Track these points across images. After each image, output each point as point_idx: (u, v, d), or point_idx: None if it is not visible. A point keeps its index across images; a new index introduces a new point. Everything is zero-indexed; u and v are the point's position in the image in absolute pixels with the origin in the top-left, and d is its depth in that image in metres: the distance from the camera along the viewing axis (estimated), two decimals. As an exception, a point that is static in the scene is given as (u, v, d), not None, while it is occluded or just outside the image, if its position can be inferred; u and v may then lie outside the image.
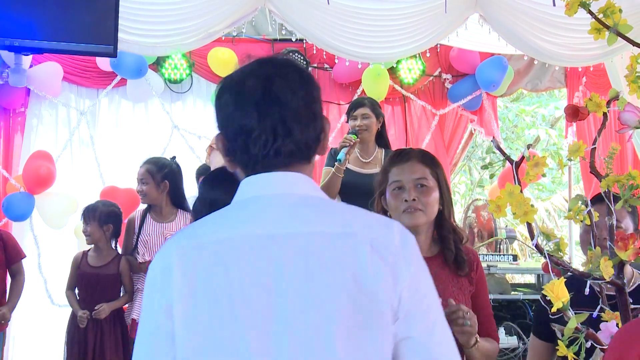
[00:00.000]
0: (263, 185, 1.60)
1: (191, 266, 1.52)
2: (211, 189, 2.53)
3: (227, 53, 7.28)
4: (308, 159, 1.63)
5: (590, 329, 1.67)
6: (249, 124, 1.58)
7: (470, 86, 7.85)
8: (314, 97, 1.64)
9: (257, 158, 1.59)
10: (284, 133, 1.57)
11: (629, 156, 7.64)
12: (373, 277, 1.47)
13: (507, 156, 1.88)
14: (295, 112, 1.58)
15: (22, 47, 5.08)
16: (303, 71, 1.66)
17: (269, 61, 1.66)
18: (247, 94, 1.59)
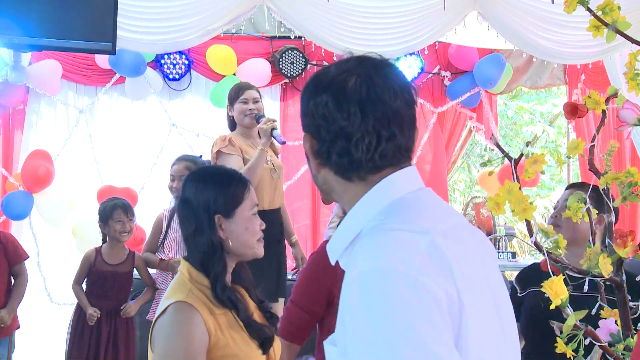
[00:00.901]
0: (410, 180, 1.60)
1: (455, 250, 1.42)
2: (198, 191, 2.46)
3: (226, 50, 7.28)
4: (409, 162, 1.60)
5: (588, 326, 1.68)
6: (351, 126, 1.50)
7: (468, 83, 7.85)
8: (414, 100, 1.58)
9: (362, 162, 1.51)
10: (388, 135, 1.52)
11: (627, 153, 7.64)
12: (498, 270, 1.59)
13: (505, 153, 1.88)
14: (398, 114, 1.53)
15: (21, 45, 5.08)
16: (401, 72, 1.63)
17: (368, 60, 1.61)
18: (350, 93, 1.51)
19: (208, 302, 2.34)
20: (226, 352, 2.30)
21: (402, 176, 1.56)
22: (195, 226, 2.41)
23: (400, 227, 1.42)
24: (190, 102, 7.68)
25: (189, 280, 2.38)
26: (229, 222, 2.41)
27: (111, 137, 7.38)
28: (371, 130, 1.49)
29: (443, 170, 8.20)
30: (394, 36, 6.26)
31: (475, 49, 7.62)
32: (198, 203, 2.42)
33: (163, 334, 2.29)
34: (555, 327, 1.68)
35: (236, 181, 2.47)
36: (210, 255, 2.39)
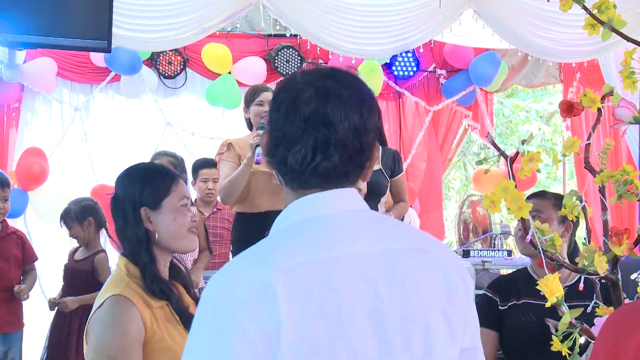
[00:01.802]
0: (332, 202, 1.54)
1: (298, 288, 1.41)
2: (125, 186, 2.51)
3: (221, 49, 7.27)
4: (349, 183, 1.55)
5: (584, 323, 1.68)
6: (293, 136, 1.50)
7: (464, 82, 7.86)
8: (366, 127, 1.54)
9: (294, 172, 1.52)
10: (323, 156, 1.50)
11: (622, 152, 7.65)
12: (456, 291, 1.52)
13: (501, 151, 1.88)
14: (341, 139, 1.51)
15: (16, 42, 5.07)
16: (366, 95, 1.57)
17: (335, 75, 1.57)
18: (300, 105, 1.51)
19: (145, 296, 2.36)
20: (162, 345, 2.32)
21: (324, 198, 1.53)
22: (122, 220, 2.46)
23: (249, 258, 1.47)
24: (186, 101, 7.67)
25: (126, 274, 2.41)
26: (156, 214, 2.45)
27: (106, 135, 7.37)
28: (309, 147, 1.49)
29: (438, 169, 8.20)
30: (390, 34, 6.26)
31: (471, 47, 7.63)
32: (125, 198, 2.47)
33: (98, 327, 2.31)
34: (550, 324, 1.68)
35: (162, 175, 2.52)
36: (137, 247, 2.42)
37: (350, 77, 1.57)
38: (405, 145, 8.09)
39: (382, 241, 1.51)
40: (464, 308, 1.53)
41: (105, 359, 2.26)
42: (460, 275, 1.54)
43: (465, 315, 1.53)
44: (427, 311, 1.48)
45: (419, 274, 1.49)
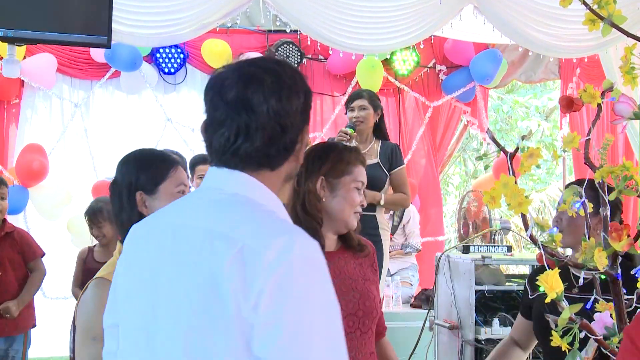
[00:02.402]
0: (207, 179, 1.67)
1: (125, 252, 1.73)
2: (122, 171, 2.54)
3: (221, 45, 7.27)
4: (270, 168, 1.63)
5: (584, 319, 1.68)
6: (218, 119, 1.61)
7: (464, 78, 7.86)
8: (287, 110, 1.61)
9: (217, 154, 1.63)
10: (244, 139, 1.59)
11: (619, 147, 7.66)
12: (224, 285, 1.43)
13: (501, 147, 1.88)
14: (262, 122, 1.59)
15: (16, 38, 5.06)
16: (287, 79, 1.64)
17: (258, 62, 1.69)
18: (223, 92, 1.61)
19: None
20: None
21: (210, 174, 1.68)
22: (118, 204, 2.49)
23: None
24: (186, 96, 7.67)
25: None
26: (152, 199, 2.46)
27: (106, 132, 7.38)
28: (232, 130, 1.61)
29: (437, 164, 8.21)
30: (390, 30, 6.25)
31: (471, 43, 7.63)
32: (122, 182, 2.50)
33: (82, 310, 2.37)
34: (550, 320, 1.68)
35: (159, 160, 2.55)
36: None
37: (273, 63, 1.67)
38: (405, 141, 8.09)
39: (199, 219, 1.57)
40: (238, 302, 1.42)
41: (91, 341, 2.28)
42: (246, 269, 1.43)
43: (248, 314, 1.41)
44: (187, 294, 1.50)
45: (196, 256, 1.50)
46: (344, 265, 2.81)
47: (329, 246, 2.81)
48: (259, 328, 1.41)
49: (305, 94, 1.68)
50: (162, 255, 1.58)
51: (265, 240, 1.46)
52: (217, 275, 1.45)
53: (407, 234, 6.87)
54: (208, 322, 1.46)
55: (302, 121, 1.66)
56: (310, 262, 1.49)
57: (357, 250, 2.88)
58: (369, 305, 2.76)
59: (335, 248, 2.86)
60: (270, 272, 1.42)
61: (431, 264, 7.03)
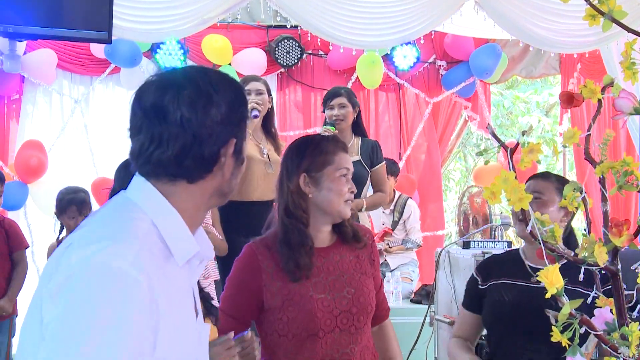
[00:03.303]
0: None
1: None
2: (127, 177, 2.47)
3: (221, 40, 7.26)
4: (187, 180, 1.59)
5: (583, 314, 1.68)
6: (135, 126, 1.61)
7: (464, 73, 7.86)
8: (202, 121, 1.57)
9: (134, 159, 1.63)
10: (157, 146, 1.57)
11: (622, 142, 7.66)
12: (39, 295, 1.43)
13: (502, 143, 1.88)
14: (173, 131, 1.56)
15: (16, 33, 5.07)
16: (209, 88, 1.60)
17: (183, 70, 1.66)
18: (142, 99, 1.61)
19: None
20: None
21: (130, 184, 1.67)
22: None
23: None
24: (186, 92, 7.66)
25: None
26: None
27: (106, 127, 7.37)
28: (147, 137, 1.61)
29: (438, 160, 8.21)
30: (391, 25, 6.25)
31: (471, 38, 7.62)
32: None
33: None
34: (550, 315, 1.68)
35: None
36: None
37: (197, 72, 1.63)
38: (405, 137, 8.09)
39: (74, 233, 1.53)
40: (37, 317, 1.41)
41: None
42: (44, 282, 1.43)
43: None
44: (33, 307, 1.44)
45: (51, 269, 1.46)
46: (338, 261, 2.78)
47: (322, 241, 2.79)
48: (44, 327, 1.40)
49: (230, 105, 1.62)
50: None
51: (70, 253, 1.43)
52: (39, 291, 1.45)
53: (407, 230, 6.87)
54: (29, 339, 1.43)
55: (227, 133, 1.61)
56: (100, 275, 1.39)
57: (354, 242, 2.84)
58: (363, 301, 2.74)
59: (330, 242, 2.82)
60: (61, 275, 1.40)
61: (431, 259, 7.03)
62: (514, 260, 3.12)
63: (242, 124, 1.66)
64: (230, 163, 1.62)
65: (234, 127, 1.62)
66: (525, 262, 2.99)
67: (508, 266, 3.12)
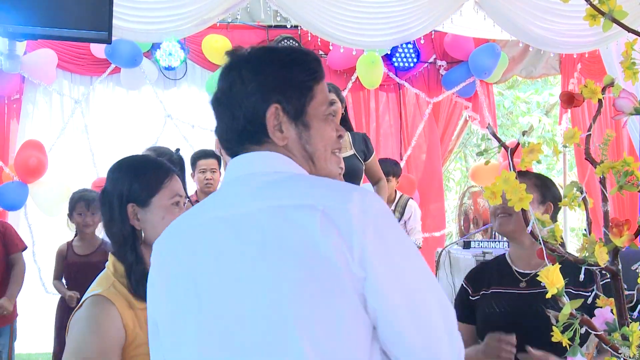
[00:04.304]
0: (230, 170, 1.66)
1: (163, 253, 1.63)
2: (114, 180, 2.40)
3: (221, 40, 7.27)
4: (259, 143, 1.62)
5: (584, 314, 1.68)
6: (215, 113, 1.68)
7: (464, 73, 7.86)
8: (261, 86, 1.61)
9: (222, 142, 1.68)
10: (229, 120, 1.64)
11: (624, 142, 7.66)
12: (325, 245, 1.42)
13: (502, 143, 1.87)
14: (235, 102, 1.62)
15: (16, 33, 5.06)
16: (238, 63, 1.66)
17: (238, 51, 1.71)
18: (218, 83, 1.68)
19: (129, 296, 2.23)
20: (146, 350, 2.07)
21: (227, 167, 1.68)
22: (109, 216, 2.34)
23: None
24: (186, 92, 7.67)
25: (113, 274, 2.29)
26: (144, 212, 2.31)
27: (107, 128, 7.38)
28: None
29: (438, 160, 8.21)
30: (390, 25, 6.25)
31: (471, 38, 7.62)
32: (113, 192, 2.36)
33: (76, 328, 2.20)
34: (551, 315, 1.68)
35: (153, 169, 2.38)
36: (122, 245, 2.31)
37: (238, 51, 1.70)
38: (406, 137, 8.09)
39: (260, 201, 1.51)
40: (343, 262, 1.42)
41: None
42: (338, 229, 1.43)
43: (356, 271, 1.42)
44: (287, 268, 1.44)
45: (283, 231, 1.46)
46: None
47: None
48: (371, 281, 1.42)
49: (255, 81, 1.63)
50: (230, 249, 1.51)
51: (341, 199, 1.46)
52: (313, 242, 1.43)
53: (408, 230, 6.86)
54: (319, 289, 1.43)
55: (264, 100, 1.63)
56: (386, 210, 1.51)
57: None
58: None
59: None
60: (364, 226, 1.43)
61: (432, 259, 7.03)
62: (501, 267, 3.05)
63: (285, 88, 1.63)
64: (287, 128, 1.63)
65: (272, 92, 1.62)
66: (512, 268, 2.95)
67: (496, 274, 3.03)
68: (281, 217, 1.47)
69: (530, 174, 3.09)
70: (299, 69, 1.67)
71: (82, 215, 5.29)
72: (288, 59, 1.67)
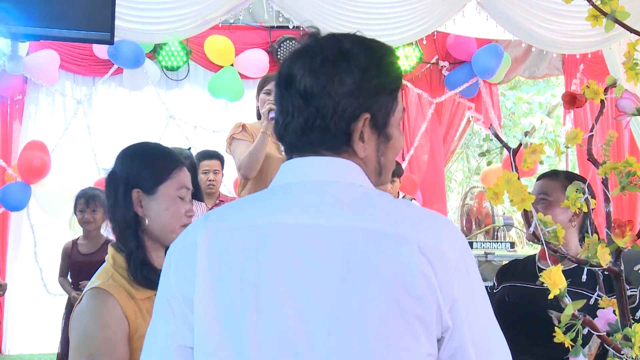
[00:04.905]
0: (293, 171, 1.48)
1: (219, 247, 1.42)
2: (123, 163, 2.35)
3: (224, 41, 7.27)
4: (311, 152, 1.46)
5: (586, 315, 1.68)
6: (286, 103, 1.49)
7: (467, 73, 7.85)
8: (314, 90, 1.43)
9: (286, 137, 1.49)
10: (283, 119, 1.48)
11: (625, 143, 7.65)
12: (419, 283, 1.30)
13: (504, 143, 1.87)
14: (277, 98, 1.50)
15: (19, 34, 5.06)
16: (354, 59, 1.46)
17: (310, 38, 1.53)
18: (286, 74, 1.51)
19: (129, 287, 2.17)
20: None
21: (288, 166, 1.50)
22: (113, 199, 2.28)
23: (202, 217, 1.50)
24: (189, 92, 7.67)
25: (112, 265, 2.24)
26: (149, 199, 2.26)
27: (109, 128, 7.39)
28: (279, 108, 1.50)
29: (440, 160, 8.21)
30: (393, 26, 6.25)
31: (474, 38, 7.62)
32: (120, 176, 2.31)
33: (77, 323, 2.14)
34: (553, 316, 1.68)
35: (164, 157, 2.33)
36: (124, 230, 2.25)
37: (330, 38, 1.52)
38: (408, 138, 8.09)
39: (344, 217, 1.37)
40: (434, 302, 1.31)
41: (88, 357, 2.07)
42: (432, 266, 1.32)
43: (443, 311, 1.33)
44: (373, 299, 1.30)
45: (373, 258, 1.31)
46: None
47: None
48: (455, 336, 1.34)
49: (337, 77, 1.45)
50: (310, 261, 1.35)
51: (435, 235, 1.35)
52: (406, 280, 1.30)
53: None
54: (402, 331, 1.31)
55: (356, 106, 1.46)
56: (467, 245, 1.43)
57: None
58: None
59: None
60: (459, 272, 1.35)
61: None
62: (529, 264, 3.09)
63: (379, 95, 1.47)
64: (369, 139, 1.48)
65: (367, 98, 1.45)
66: (537, 264, 2.96)
67: (521, 269, 3.08)
68: (376, 242, 1.33)
69: (561, 174, 2.99)
70: (394, 75, 1.51)
71: (82, 212, 5.30)
72: (386, 62, 1.51)
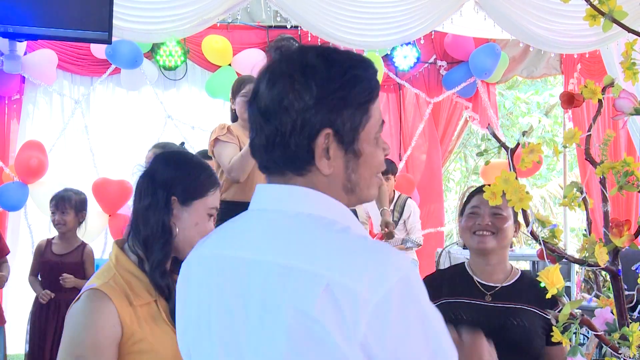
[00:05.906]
0: (256, 198, 1.46)
1: (184, 278, 1.50)
2: (166, 168, 2.26)
3: (221, 41, 7.26)
4: (299, 170, 1.39)
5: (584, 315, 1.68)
6: (251, 120, 1.44)
7: (464, 73, 7.86)
8: (317, 105, 1.36)
9: (261, 160, 1.44)
10: (254, 136, 1.43)
11: (622, 143, 7.66)
12: (318, 324, 1.24)
13: (502, 143, 1.88)
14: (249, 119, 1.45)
15: (16, 34, 5.07)
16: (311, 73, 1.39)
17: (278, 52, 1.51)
18: (254, 91, 1.47)
19: (128, 292, 2.12)
20: (142, 347, 2.10)
21: (257, 191, 1.47)
22: (150, 201, 2.19)
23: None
24: (186, 92, 7.67)
25: (114, 265, 2.18)
26: (182, 210, 2.20)
27: (107, 128, 7.38)
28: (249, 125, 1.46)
29: (438, 160, 8.21)
30: (391, 26, 6.25)
31: (472, 38, 7.62)
32: (161, 178, 2.21)
33: (71, 323, 2.11)
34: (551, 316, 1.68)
35: (207, 175, 2.28)
36: (157, 236, 2.17)
37: (288, 51, 1.50)
38: (406, 137, 8.09)
39: (268, 252, 1.34)
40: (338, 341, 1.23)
41: (75, 359, 2.05)
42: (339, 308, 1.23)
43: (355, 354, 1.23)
44: (273, 336, 1.29)
45: (278, 293, 1.29)
46: None
47: None
48: None
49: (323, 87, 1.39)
50: (236, 295, 1.35)
51: (353, 274, 1.25)
52: (306, 318, 1.24)
53: (408, 229, 6.86)
54: None
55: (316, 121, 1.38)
56: (406, 291, 1.28)
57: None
58: None
59: None
60: (379, 319, 1.23)
61: (432, 259, 7.01)
62: (463, 277, 2.94)
63: (342, 109, 1.39)
64: (336, 155, 1.39)
65: (328, 113, 1.38)
66: (474, 279, 2.86)
67: (458, 283, 2.93)
68: (282, 278, 1.30)
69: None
70: (360, 87, 1.43)
71: (53, 214, 5.31)
72: (350, 75, 1.41)
